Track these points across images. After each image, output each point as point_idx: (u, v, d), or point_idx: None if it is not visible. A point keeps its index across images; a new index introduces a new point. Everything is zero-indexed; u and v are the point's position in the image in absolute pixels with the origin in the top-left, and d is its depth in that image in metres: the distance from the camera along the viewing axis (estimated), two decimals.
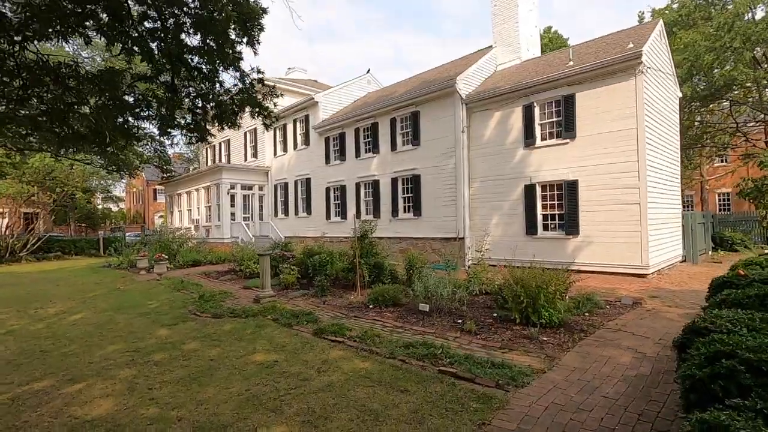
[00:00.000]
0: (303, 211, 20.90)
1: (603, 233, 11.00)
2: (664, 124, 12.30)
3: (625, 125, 10.62)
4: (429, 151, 14.84)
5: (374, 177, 16.90)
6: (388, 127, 16.30)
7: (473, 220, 13.91)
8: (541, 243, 12.24)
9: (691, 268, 12.58)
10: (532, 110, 12.42)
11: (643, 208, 10.36)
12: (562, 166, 11.79)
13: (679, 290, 9.09)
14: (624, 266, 10.67)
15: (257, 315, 7.32)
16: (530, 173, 12.47)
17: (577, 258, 11.48)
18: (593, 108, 11.19)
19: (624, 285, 9.81)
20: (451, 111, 14.12)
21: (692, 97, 17.36)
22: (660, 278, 10.59)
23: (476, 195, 13.84)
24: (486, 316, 6.87)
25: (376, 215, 16.80)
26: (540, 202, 12.35)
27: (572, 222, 11.52)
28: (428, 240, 14.86)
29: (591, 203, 11.21)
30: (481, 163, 13.71)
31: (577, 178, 11.45)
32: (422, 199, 15.04)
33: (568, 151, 11.68)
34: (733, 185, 35.02)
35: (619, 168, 10.71)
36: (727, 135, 21.37)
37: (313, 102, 19.94)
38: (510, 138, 12.97)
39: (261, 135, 24.06)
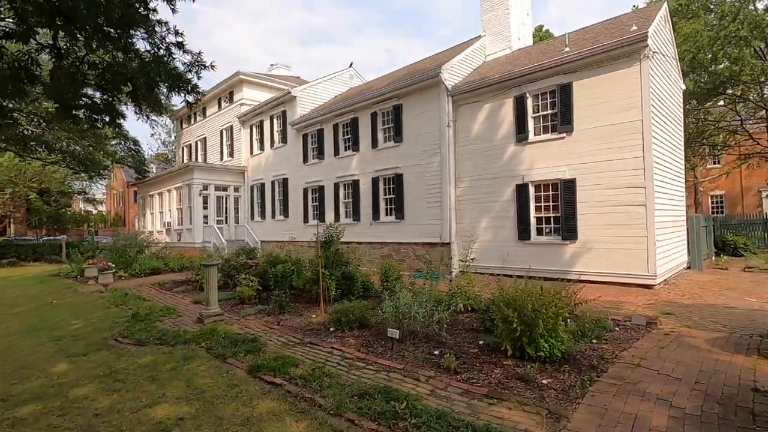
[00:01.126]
0: (280, 214, 19.49)
1: (604, 238, 9.79)
2: (669, 117, 11.18)
3: (629, 117, 9.44)
4: (412, 148, 13.56)
5: (354, 177, 15.58)
6: (369, 122, 15.00)
7: (460, 224, 12.64)
8: (534, 249, 11.01)
9: (697, 276, 11.45)
10: (525, 102, 11.21)
11: (649, 210, 9.17)
12: (557, 163, 10.58)
13: (693, 304, 7.89)
14: (628, 275, 9.46)
15: (190, 342, 5.93)
16: (522, 171, 11.25)
17: (574, 266, 10.26)
18: (592, 98, 10.00)
19: (630, 297, 8.60)
20: (435, 104, 12.87)
21: (693, 92, 16.36)
22: (668, 289, 9.41)
23: (464, 196, 12.58)
24: (470, 344, 5.57)
25: (355, 218, 15.47)
26: (533, 203, 11.12)
27: (569, 225, 10.30)
28: (411, 245, 13.55)
29: (590, 205, 10.01)
30: (468, 161, 12.46)
31: (575, 177, 10.24)
32: (405, 200, 13.75)
33: (564, 147, 10.47)
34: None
35: (623, 165, 9.52)
36: (726, 133, 20.44)
37: (290, 97, 18.58)
38: (500, 133, 11.75)
39: (237, 133, 22.62)
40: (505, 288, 5.79)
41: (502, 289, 5.80)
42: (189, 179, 20.47)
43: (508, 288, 5.75)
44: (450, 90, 12.55)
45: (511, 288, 5.68)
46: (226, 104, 23.73)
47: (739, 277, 11.01)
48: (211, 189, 20.88)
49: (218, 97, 24.34)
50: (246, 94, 22.33)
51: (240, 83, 22.51)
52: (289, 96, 18.61)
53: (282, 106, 19.26)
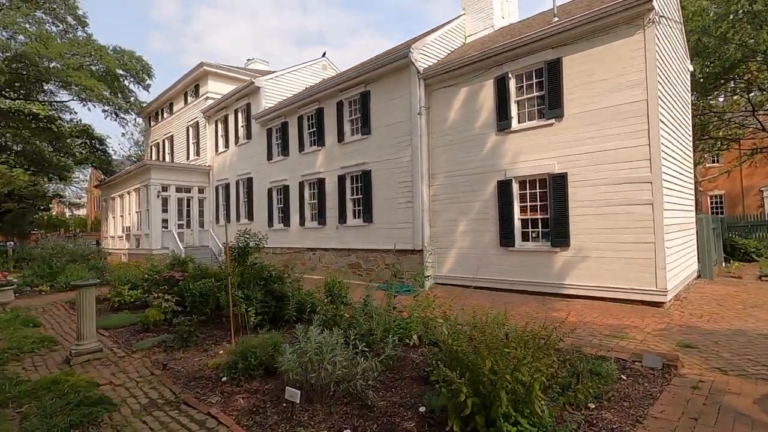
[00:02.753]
0: (244, 217, 17.66)
1: (601, 245, 8.07)
2: (677, 99, 9.49)
3: (631, 96, 7.73)
4: (381, 140, 11.81)
5: (319, 175, 13.80)
6: (335, 113, 13.24)
7: (435, 228, 10.88)
8: (519, 257, 9.26)
9: (711, 287, 9.74)
10: (507, 83, 9.49)
11: (657, 211, 7.46)
12: (545, 154, 8.86)
13: (716, 330, 6.16)
14: (632, 291, 7.73)
15: (9, 402, 4.11)
16: (505, 165, 9.51)
17: (566, 278, 8.52)
18: (586, 76, 8.29)
19: (635, 319, 6.86)
20: (405, 89, 11.13)
21: (697, 80, 14.73)
22: (681, 307, 7.68)
23: (438, 195, 10.83)
24: (408, 409, 3.78)
25: (321, 222, 13.67)
26: (517, 203, 9.38)
27: (559, 229, 8.57)
28: (381, 253, 11.78)
29: (585, 204, 8.28)
30: (443, 154, 10.72)
31: (566, 171, 8.52)
32: (374, 201, 11.99)
33: (553, 135, 8.75)
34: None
35: (624, 155, 7.81)
36: (733, 126, 18.84)
37: (254, 88, 16.79)
38: (479, 121, 10.01)
39: (203, 129, 20.80)
40: (466, 315, 4.04)
41: (454, 322, 4.06)
42: (146, 180, 18.62)
43: (468, 318, 4.01)
44: (421, 72, 10.81)
45: (476, 318, 3.93)
46: (192, 98, 21.91)
47: (761, 289, 9.31)
48: (171, 190, 19.03)
49: (185, 91, 22.53)
50: (211, 87, 20.53)
51: (205, 75, 20.71)
52: (252, 87, 16.82)
53: (246, 98, 17.46)
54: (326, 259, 13.59)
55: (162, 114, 25.29)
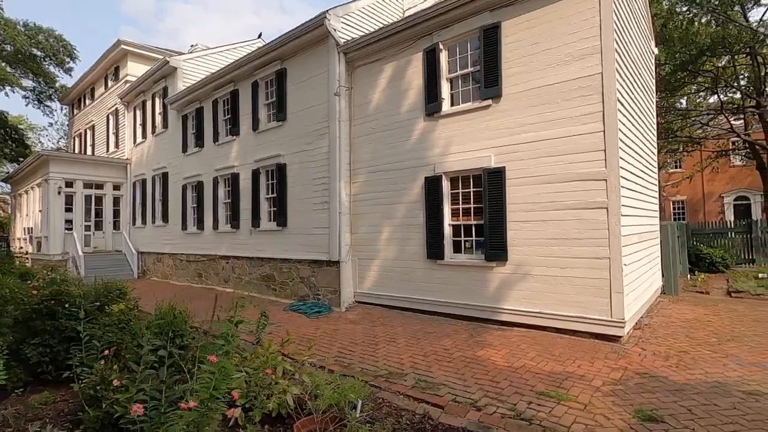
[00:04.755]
0: (160, 218, 15.24)
1: (546, 260, 6.31)
2: (639, 83, 7.89)
3: (583, 69, 6.02)
4: (297, 128, 9.79)
5: (233, 169, 11.65)
6: (250, 96, 11.14)
7: (356, 234, 8.94)
8: (449, 273, 7.43)
9: (677, 308, 8.19)
10: (437, 56, 7.66)
11: (612, 217, 5.75)
12: (480, 144, 7.07)
13: (689, 384, 4.44)
14: (582, 320, 5.99)
15: None
16: (434, 158, 7.68)
17: (504, 301, 6.72)
18: (530, 44, 6.55)
19: (582, 364, 5.09)
20: (323, 65, 9.16)
21: (666, 63, 13.50)
22: (642, 341, 5.99)
23: (360, 195, 8.89)
24: None
25: (235, 225, 11.52)
26: (448, 204, 7.56)
27: (496, 239, 6.77)
28: (296, 263, 9.74)
29: (526, 207, 6.52)
30: (367, 145, 8.80)
31: (503, 165, 6.74)
32: (288, 201, 9.95)
33: (489, 120, 6.97)
34: None
35: (573, 145, 6.08)
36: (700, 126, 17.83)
37: (170, 68, 14.43)
38: (406, 103, 8.15)
39: (122, 117, 18.21)
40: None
41: None
42: (45, 174, 15.93)
43: None
44: (341, 45, 8.86)
45: None
46: (112, 83, 19.30)
47: (733, 312, 7.81)
48: (77, 186, 16.39)
49: (105, 74, 19.86)
50: (132, 69, 18.00)
51: (124, 56, 18.18)
52: (168, 67, 14.45)
53: (163, 81, 15.07)
54: (240, 269, 11.44)
55: (84, 101, 22.44)
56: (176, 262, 14.28)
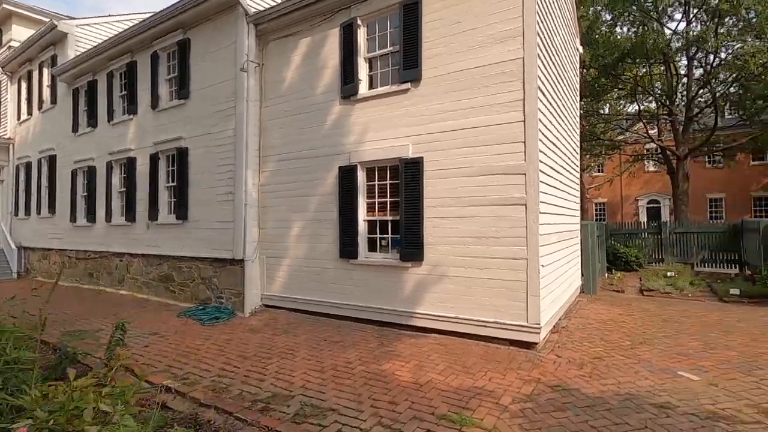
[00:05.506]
0: (46, 208, 13.08)
1: (463, 260, 5.78)
2: (563, 76, 7.66)
3: (504, 53, 5.54)
4: (201, 107, 8.58)
5: (130, 153, 10.10)
6: (149, 69, 9.67)
7: (265, 229, 7.95)
8: (364, 274, 6.70)
9: (594, 308, 8.13)
10: (355, 33, 6.89)
11: (531, 214, 5.32)
12: (398, 132, 6.40)
13: (601, 398, 4.06)
14: (498, 325, 5.52)
15: None
16: (350, 146, 6.91)
17: (419, 305, 6.13)
18: (451, 24, 5.97)
19: (494, 376, 4.58)
20: (231, 36, 8.04)
21: (591, 64, 13.91)
22: (558, 347, 5.66)
23: (270, 185, 7.91)
24: None
25: (130, 217, 9.99)
26: (364, 198, 6.83)
27: (411, 237, 6.15)
28: (197, 262, 8.53)
29: (444, 202, 5.95)
30: (278, 129, 7.83)
31: (421, 156, 6.13)
32: (190, 191, 8.70)
33: (408, 105, 6.33)
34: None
35: (493, 135, 5.59)
36: (620, 130, 18.75)
37: (60, 34, 12.33)
38: (322, 84, 7.30)
39: (4, 90, 15.54)
40: None
41: None
42: None
43: None
44: (251, 15, 7.80)
45: None
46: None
47: (645, 312, 7.87)
48: None
49: None
50: (17, 33, 15.40)
51: (7, 17, 15.54)
52: (57, 33, 12.35)
53: (52, 49, 12.90)
54: (135, 269, 9.95)
55: None
56: (64, 260, 12.32)
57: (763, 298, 9.11)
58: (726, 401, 3.95)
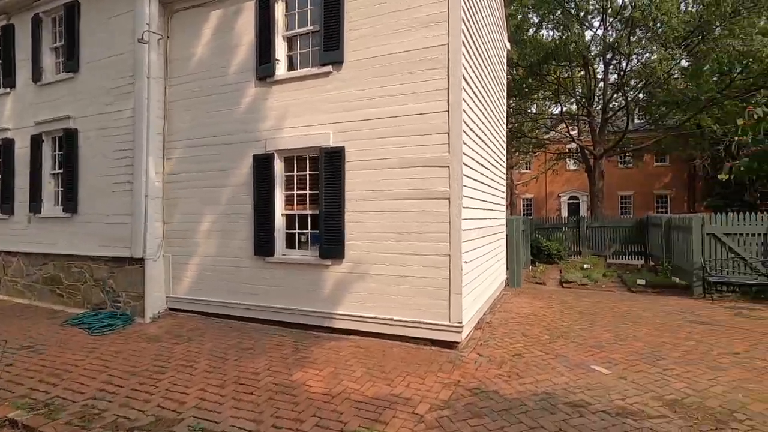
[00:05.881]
0: None
1: (386, 257, 5.46)
2: (489, 68, 7.59)
3: (428, 38, 5.25)
4: (94, 82, 7.43)
5: (6, 134, 8.57)
6: (30, 35, 8.22)
7: (171, 224, 7.08)
8: (282, 273, 6.15)
9: (517, 302, 8.28)
10: (271, 8, 6.25)
11: (454, 208, 5.11)
12: (318, 118, 5.91)
13: (519, 399, 3.93)
14: (421, 324, 5.28)
15: None
16: (266, 132, 6.28)
17: (339, 305, 5.72)
18: (375, 3, 5.57)
19: (413, 381, 4.30)
20: (129, 3, 7.00)
21: (519, 61, 14.37)
22: (480, 345, 5.55)
23: (177, 174, 7.04)
24: None
25: (6, 209, 8.50)
26: (281, 190, 6.27)
27: (332, 232, 5.71)
28: (89, 261, 7.41)
29: (366, 195, 5.58)
30: (187, 112, 6.97)
31: (343, 145, 5.69)
32: (81, 179, 7.53)
33: (330, 90, 5.85)
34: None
35: (418, 125, 5.30)
36: (545, 129, 19.71)
37: None
38: (236, 63, 6.57)
39: None
40: None
41: None
42: None
43: None
44: None
45: None
46: None
47: (564, 304, 8.14)
48: None
49: None
50: None
51: None
52: None
53: None
54: (14, 270, 8.49)
55: None
56: None
57: (664, 287, 9.89)
58: (634, 395, 3.99)
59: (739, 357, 5.04)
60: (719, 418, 3.54)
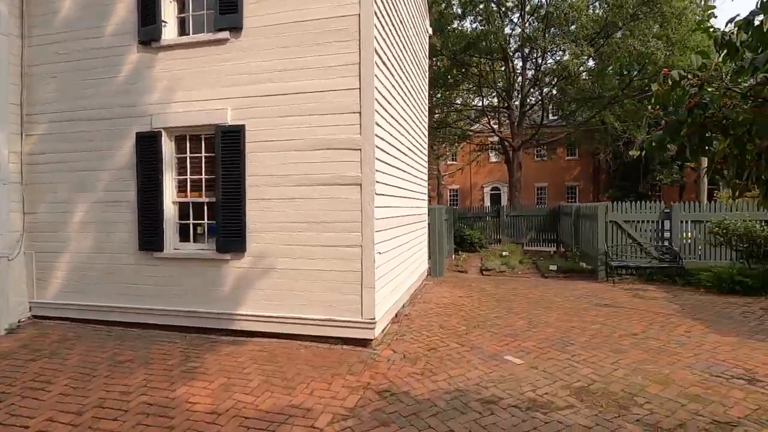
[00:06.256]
0: None
1: (293, 249, 4.92)
2: (409, 50, 7.26)
3: (339, 7, 4.74)
4: None
5: None
6: None
7: (34, 215, 5.87)
8: (174, 270, 5.34)
9: (438, 291, 8.19)
10: None
11: (366, 195, 4.70)
12: (214, 92, 5.15)
13: (432, 399, 3.66)
14: (331, 322, 4.83)
15: None
16: (152, 107, 5.37)
17: (241, 304, 5.08)
18: None
19: (318, 386, 3.85)
20: None
21: (442, 51, 14.40)
22: (397, 338, 5.26)
23: (41, 155, 5.83)
24: None
25: None
26: (172, 174, 5.42)
27: (232, 223, 5.04)
28: None
29: (270, 181, 4.98)
30: (51, 80, 5.76)
31: (243, 123, 5.01)
32: None
33: (227, 61, 5.11)
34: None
35: (327, 103, 4.79)
36: (468, 121, 20.19)
37: None
38: (113, 22, 5.52)
39: None
40: None
41: None
42: None
43: None
44: None
45: None
46: None
47: (483, 292, 8.19)
48: None
49: None
50: None
51: None
52: None
53: None
54: None
55: None
56: None
57: (573, 272, 10.47)
58: (544, 385, 3.91)
59: (637, 338, 5.28)
60: (621, 403, 3.55)
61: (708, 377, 4.05)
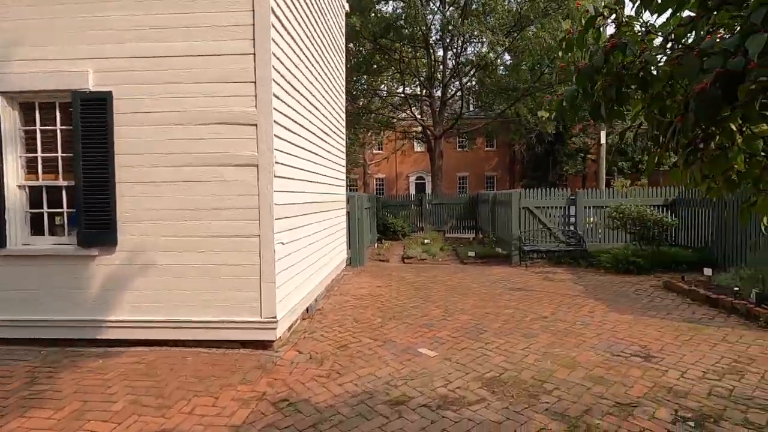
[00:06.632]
0: None
1: (177, 241, 4.18)
2: (320, 22, 6.64)
3: None
4: None
5: None
6: None
7: None
8: (21, 270, 4.30)
9: (356, 282, 7.83)
10: None
11: (264, 178, 4.11)
12: (69, 49, 4.17)
13: (336, 406, 3.24)
14: (225, 324, 4.20)
15: None
16: None
17: (113, 309, 4.23)
18: None
19: (200, 405, 3.24)
20: None
21: (360, 33, 13.90)
22: (305, 336, 4.78)
23: None
24: None
25: None
26: (17, 152, 4.34)
27: (98, 212, 4.15)
28: None
29: (148, 161, 4.16)
30: None
31: (110, 90, 4.12)
32: None
33: (88, 11, 4.15)
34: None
35: (214, 68, 4.09)
36: (392, 109, 20.00)
37: None
38: None
39: None
40: None
41: None
42: None
43: None
44: None
45: None
46: None
47: (402, 281, 7.99)
48: None
49: None
50: None
51: None
52: None
53: None
54: None
55: None
56: None
57: (490, 257, 10.72)
58: (456, 378, 3.69)
59: (547, 321, 5.35)
60: (531, 392, 3.43)
61: (609, 357, 4.13)
